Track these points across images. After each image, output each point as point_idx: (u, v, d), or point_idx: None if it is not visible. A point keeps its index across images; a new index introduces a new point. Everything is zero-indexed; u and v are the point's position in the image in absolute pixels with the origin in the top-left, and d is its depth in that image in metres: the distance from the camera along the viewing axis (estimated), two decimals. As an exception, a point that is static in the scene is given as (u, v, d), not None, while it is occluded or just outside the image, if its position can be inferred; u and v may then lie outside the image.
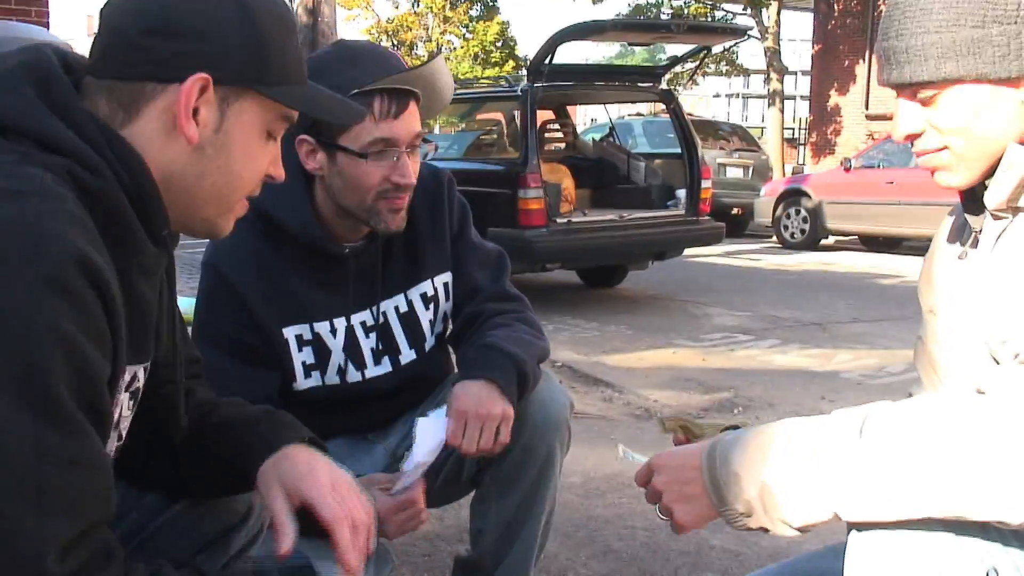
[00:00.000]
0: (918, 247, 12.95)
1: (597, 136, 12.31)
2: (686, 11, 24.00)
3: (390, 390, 2.16)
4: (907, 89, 1.43)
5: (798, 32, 43.98)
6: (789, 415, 4.37)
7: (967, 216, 1.50)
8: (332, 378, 2.09)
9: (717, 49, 21.78)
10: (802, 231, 14.45)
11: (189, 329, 1.74)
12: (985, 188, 1.43)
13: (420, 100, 1.97)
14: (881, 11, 15.07)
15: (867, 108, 20.86)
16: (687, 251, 9.47)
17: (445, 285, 2.20)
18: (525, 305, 2.23)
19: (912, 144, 1.47)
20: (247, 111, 1.31)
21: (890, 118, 1.55)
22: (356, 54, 1.95)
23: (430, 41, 36.50)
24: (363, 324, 2.11)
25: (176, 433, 1.50)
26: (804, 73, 30.61)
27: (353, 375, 2.11)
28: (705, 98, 61.81)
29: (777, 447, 1.30)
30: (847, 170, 14.07)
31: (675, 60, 10.14)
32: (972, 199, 1.48)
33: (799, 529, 1.29)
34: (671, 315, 8.10)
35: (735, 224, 15.16)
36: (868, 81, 20.81)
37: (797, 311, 8.18)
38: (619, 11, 25.16)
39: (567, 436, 2.17)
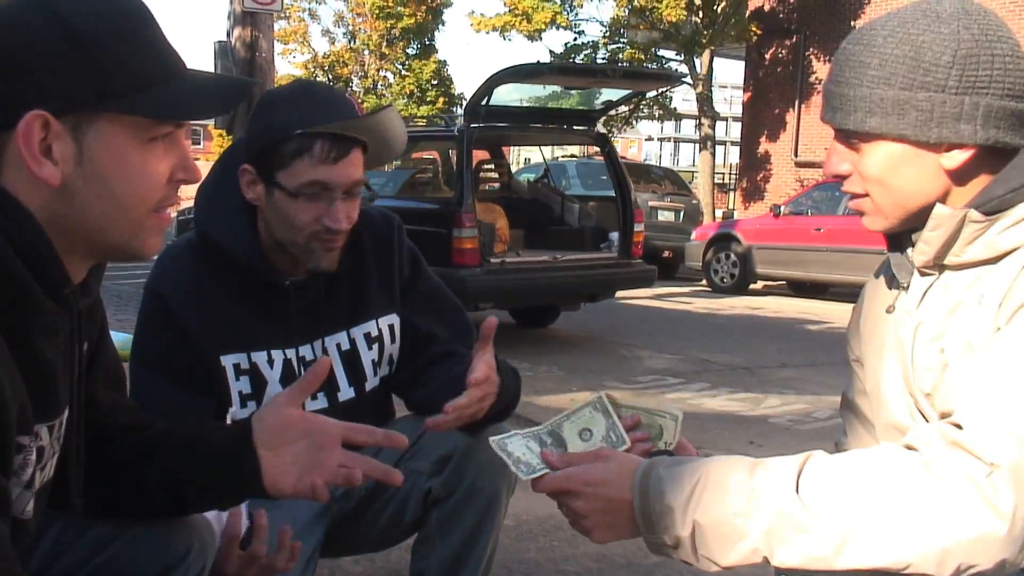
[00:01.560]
0: (845, 293, 13.17)
1: (532, 177, 12.38)
2: (621, 55, 24.30)
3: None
4: (840, 132, 1.47)
5: (730, 78, 44.80)
6: (720, 460, 4.27)
7: (895, 270, 1.54)
8: None
9: (651, 94, 22.08)
10: (732, 275, 14.62)
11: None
12: (910, 241, 1.47)
13: (367, 148, 1.97)
14: (810, 61, 15.49)
15: (796, 155, 21.28)
16: (619, 293, 9.54)
17: (391, 327, 2.19)
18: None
19: (841, 183, 1.52)
20: (106, 132, 1.19)
21: (819, 166, 1.59)
22: (310, 95, 1.95)
23: (366, 77, 36.51)
24: (302, 359, 2.10)
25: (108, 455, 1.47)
26: (735, 119, 31.11)
27: None
28: (638, 141, 62.53)
29: (713, 490, 1.33)
30: (776, 216, 14.30)
31: (610, 104, 10.25)
32: (896, 243, 1.53)
33: (724, 567, 1.33)
34: (602, 357, 8.13)
35: (666, 267, 15.32)
36: (798, 128, 21.25)
37: (727, 355, 8.27)
38: (554, 50, 25.41)
39: (514, 478, 2.17)
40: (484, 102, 8.14)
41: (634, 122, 33.87)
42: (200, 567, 1.64)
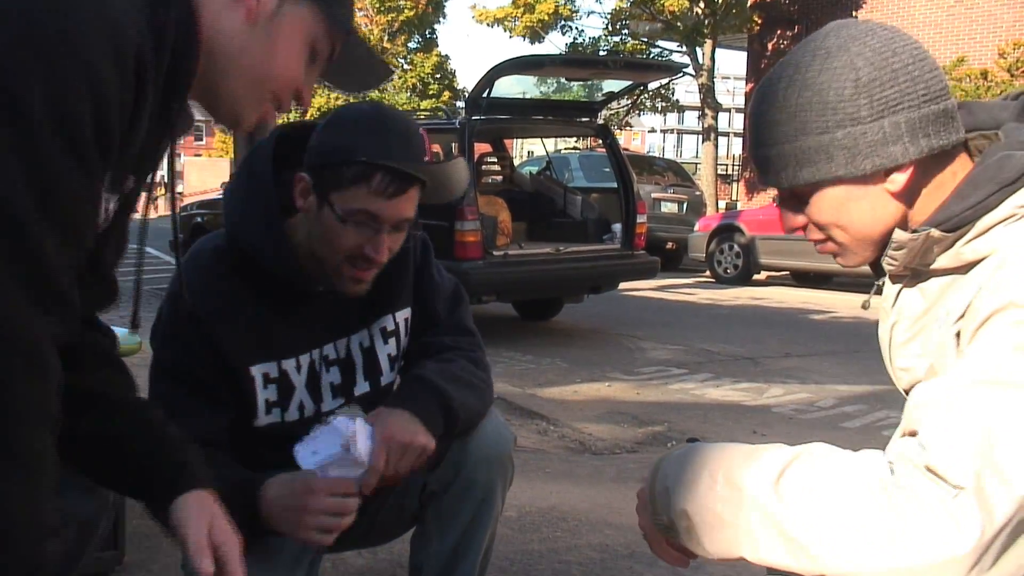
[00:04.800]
0: (848, 283, 13.17)
1: (534, 169, 12.37)
2: (623, 48, 24.28)
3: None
4: (780, 192, 1.49)
5: (732, 69, 44.74)
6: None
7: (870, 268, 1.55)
8: (292, 415, 2.05)
9: (653, 86, 22.07)
10: (735, 266, 14.61)
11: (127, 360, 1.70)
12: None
13: (425, 186, 1.94)
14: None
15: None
16: (622, 285, 9.54)
17: (406, 320, 2.18)
18: (476, 343, 2.22)
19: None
20: (300, 13, 1.37)
21: None
22: (384, 124, 1.89)
23: (368, 72, 36.43)
24: (326, 358, 2.08)
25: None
26: (738, 110, 31.08)
27: (309, 410, 2.07)
28: (640, 133, 62.48)
29: (704, 480, 1.35)
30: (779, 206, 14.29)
31: (612, 96, 10.24)
32: (876, 266, 1.53)
33: (713, 556, 1.35)
34: (606, 348, 8.14)
35: (669, 258, 15.32)
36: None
37: (730, 345, 8.27)
38: (559, 48, 25.41)
39: (510, 471, 2.18)
40: (485, 95, 8.13)
41: (632, 120, 33.85)
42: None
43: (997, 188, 1.32)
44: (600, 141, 9.80)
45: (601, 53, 23.12)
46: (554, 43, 53.95)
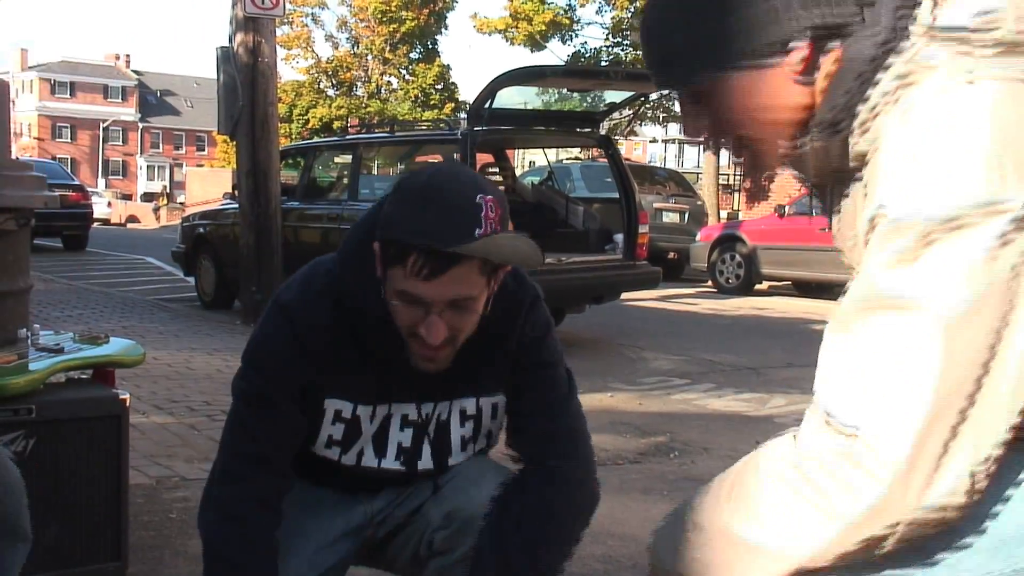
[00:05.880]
0: (850, 293, 13.15)
1: (536, 180, 12.38)
2: (624, 58, 24.32)
3: (397, 481, 2.09)
4: (681, 101, 1.40)
5: (733, 80, 44.69)
6: (725, 459, 4.42)
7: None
8: (349, 459, 2.01)
9: (654, 96, 22.05)
10: (737, 276, 14.62)
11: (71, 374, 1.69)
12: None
13: (477, 260, 1.75)
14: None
15: (800, 156, 21.24)
16: (624, 295, 9.54)
17: (494, 407, 2.06)
18: (579, 451, 2.09)
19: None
20: None
21: None
22: (428, 195, 1.73)
23: (369, 82, 36.57)
24: (404, 416, 2.01)
25: None
26: (739, 121, 30.98)
27: (369, 460, 2.02)
28: (642, 143, 62.52)
29: (680, 535, 1.31)
30: (781, 216, 14.30)
31: (613, 106, 10.26)
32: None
33: None
34: (608, 358, 8.13)
35: (671, 268, 15.31)
36: (801, 130, 21.20)
37: (732, 355, 8.26)
38: (560, 58, 25.47)
39: None
40: (487, 105, 8.14)
41: (636, 128, 33.87)
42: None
43: (857, 74, 1.24)
44: (602, 151, 9.80)
45: (603, 63, 23.17)
46: (555, 52, 54.10)
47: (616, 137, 15.73)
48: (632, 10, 22.38)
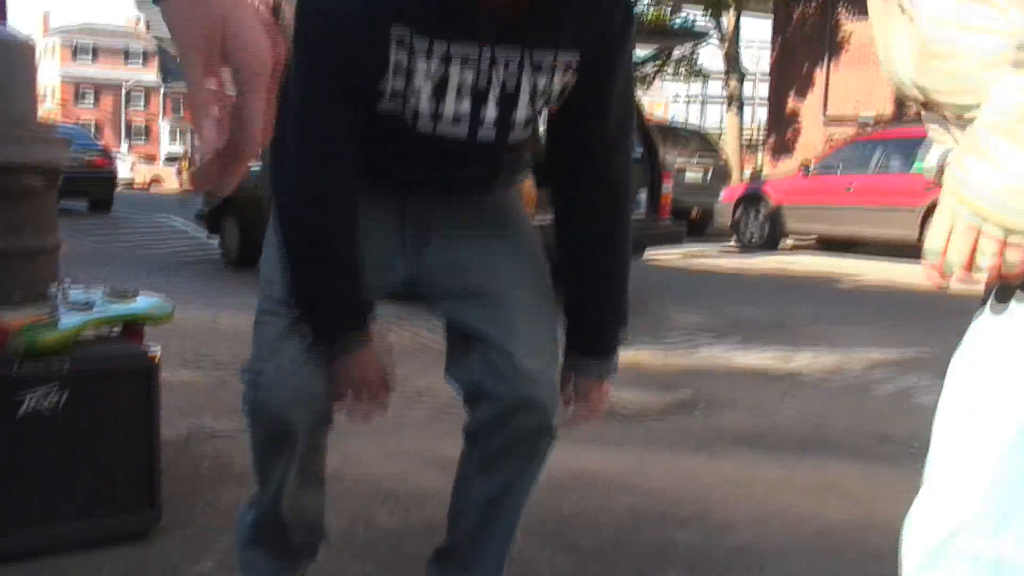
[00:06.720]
0: (876, 251, 13.09)
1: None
2: (646, 16, 24.12)
3: (457, 155, 1.97)
4: None
5: (757, 36, 44.31)
6: (751, 414, 4.44)
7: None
8: (408, 113, 1.85)
9: (677, 53, 21.90)
10: (761, 234, 14.56)
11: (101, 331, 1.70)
12: None
13: None
14: (838, 16, 15.09)
15: (825, 112, 21.07)
16: (648, 253, 9.52)
17: (567, 64, 1.88)
18: (628, 159, 2.35)
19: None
20: None
21: (850, 122, 1.36)
22: None
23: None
24: (464, 58, 1.80)
25: None
26: (763, 77, 30.88)
27: (424, 124, 1.87)
28: (664, 102, 62.12)
29: None
30: (805, 176, 14.21)
31: (636, 62, 10.19)
32: None
33: None
34: (633, 315, 8.06)
35: (694, 226, 15.27)
36: (827, 85, 21.04)
37: (758, 311, 8.25)
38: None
39: (555, 429, 2.11)
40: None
41: (659, 83, 33.61)
42: None
43: None
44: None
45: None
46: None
47: (639, 93, 15.69)
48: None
